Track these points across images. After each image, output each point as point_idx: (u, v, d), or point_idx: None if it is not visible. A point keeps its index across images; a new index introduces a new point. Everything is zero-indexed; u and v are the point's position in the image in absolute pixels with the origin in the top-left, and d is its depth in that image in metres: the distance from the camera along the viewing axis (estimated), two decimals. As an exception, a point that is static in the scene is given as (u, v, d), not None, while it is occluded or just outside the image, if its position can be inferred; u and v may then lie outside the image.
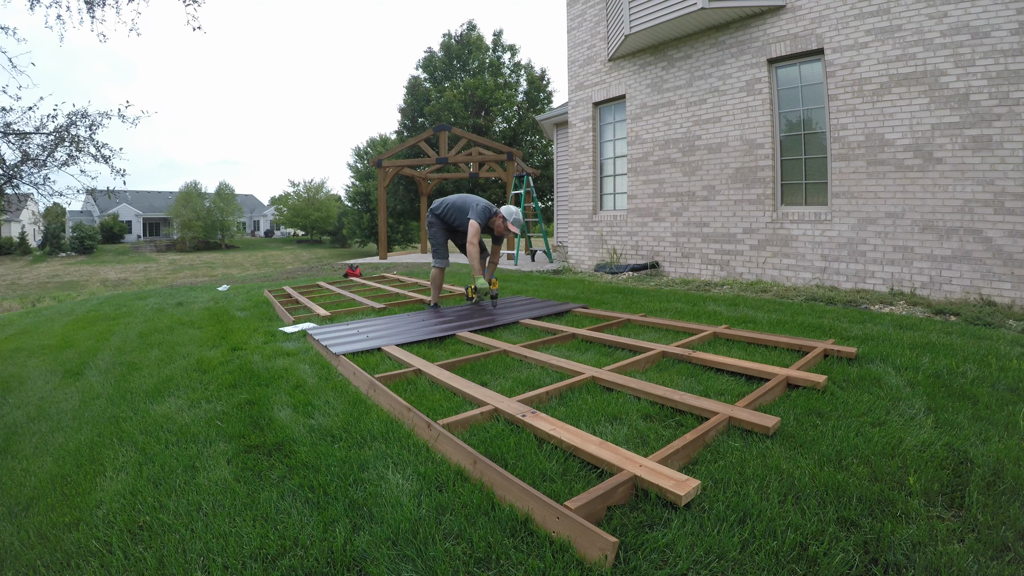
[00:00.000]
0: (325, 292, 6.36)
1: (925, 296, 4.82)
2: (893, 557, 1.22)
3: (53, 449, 2.08)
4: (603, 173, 8.53)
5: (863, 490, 1.47)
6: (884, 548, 1.25)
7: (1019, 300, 4.35)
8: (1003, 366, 2.54)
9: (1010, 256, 4.41)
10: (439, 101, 28.88)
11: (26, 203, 15.34)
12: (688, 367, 2.72)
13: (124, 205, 46.19)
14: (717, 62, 6.60)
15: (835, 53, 5.49)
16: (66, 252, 36.94)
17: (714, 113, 6.65)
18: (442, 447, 1.83)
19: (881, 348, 2.92)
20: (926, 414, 2.00)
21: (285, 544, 1.35)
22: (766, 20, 6.09)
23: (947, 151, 4.75)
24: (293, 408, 2.31)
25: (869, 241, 5.29)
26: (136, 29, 5.46)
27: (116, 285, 24.49)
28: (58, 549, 1.39)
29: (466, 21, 39.43)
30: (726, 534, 1.31)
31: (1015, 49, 4.36)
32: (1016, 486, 1.48)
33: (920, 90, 4.88)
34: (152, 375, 3.02)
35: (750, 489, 1.49)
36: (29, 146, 5.83)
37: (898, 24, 5.02)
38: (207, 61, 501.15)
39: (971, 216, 4.63)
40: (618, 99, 8.08)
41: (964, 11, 4.61)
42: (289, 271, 13.09)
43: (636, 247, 7.70)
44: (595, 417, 2.07)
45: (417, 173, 16.79)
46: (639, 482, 1.51)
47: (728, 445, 1.78)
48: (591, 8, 8.41)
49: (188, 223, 40.74)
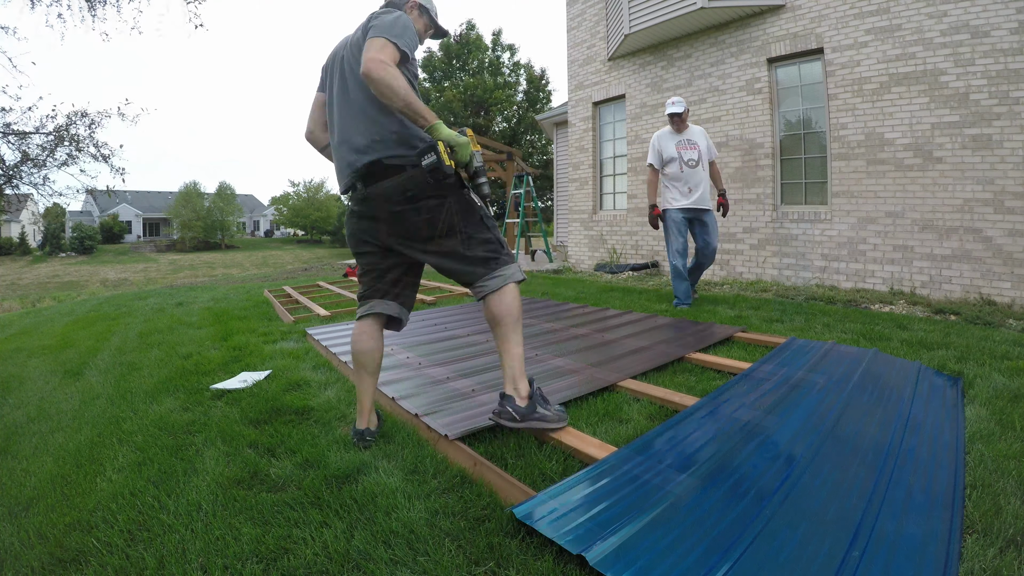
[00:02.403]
0: (325, 292, 6.36)
1: (925, 295, 4.82)
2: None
3: (53, 449, 2.08)
4: (603, 172, 8.53)
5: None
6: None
7: (1019, 299, 4.35)
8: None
9: (1010, 255, 4.41)
10: (439, 101, 28.87)
11: (26, 203, 15.37)
12: (688, 366, 2.72)
13: (124, 205, 46.20)
14: (717, 61, 6.60)
15: (835, 52, 5.48)
16: (66, 252, 36.94)
17: (714, 112, 6.65)
18: (443, 447, 1.83)
19: (886, 349, 2.92)
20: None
21: (285, 544, 1.35)
22: (766, 20, 6.09)
23: (947, 150, 4.74)
24: (293, 408, 2.31)
25: (869, 240, 5.29)
26: (138, 28, 5.47)
27: (116, 285, 24.49)
28: (58, 549, 1.39)
29: (465, 21, 39.45)
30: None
31: (1015, 48, 4.36)
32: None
33: (920, 89, 4.88)
34: (152, 375, 3.02)
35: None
36: (29, 146, 5.84)
37: (898, 23, 5.01)
38: (207, 61, 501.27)
39: (971, 215, 4.63)
40: (618, 99, 8.08)
41: (964, 10, 4.61)
42: (289, 271, 13.10)
43: (636, 247, 7.69)
44: (594, 417, 2.07)
45: (417, 173, 16.78)
46: (639, 482, 1.50)
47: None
48: (591, 8, 8.41)
49: (188, 223, 40.75)
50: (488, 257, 1.80)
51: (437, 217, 1.76)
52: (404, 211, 1.76)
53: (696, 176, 4.38)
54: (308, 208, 46.34)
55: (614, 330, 3.45)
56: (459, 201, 1.79)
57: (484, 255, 1.79)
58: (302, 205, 46.76)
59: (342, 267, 11.08)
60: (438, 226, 1.76)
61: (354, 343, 1.94)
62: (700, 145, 4.41)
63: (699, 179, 4.38)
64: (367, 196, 1.80)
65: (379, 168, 1.75)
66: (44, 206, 10.23)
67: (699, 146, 4.41)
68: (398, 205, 1.75)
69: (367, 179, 1.78)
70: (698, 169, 4.37)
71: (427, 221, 1.75)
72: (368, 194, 1.79)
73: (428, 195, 1.74)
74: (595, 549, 1.17)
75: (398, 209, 1.76)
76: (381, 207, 1.78)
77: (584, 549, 1.17)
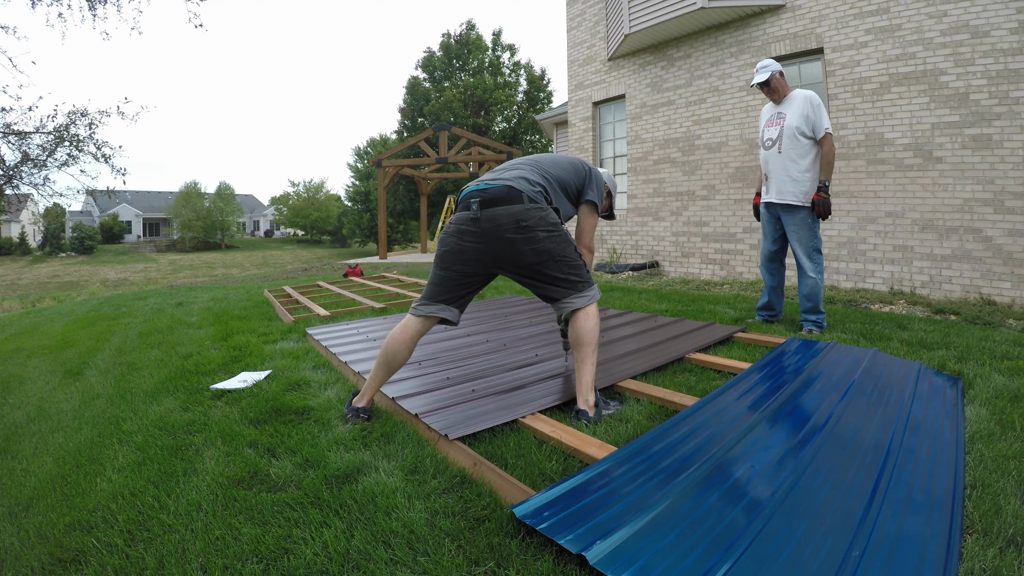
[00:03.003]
0: (325, 292, 6.36)
1: (925, 295, 4.82)
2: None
3: (53, 449, 2.08)
4: (603, 173, 8.53)
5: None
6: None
7: (1019, 299, 4.35)
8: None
9: (1010, 255, 4.41)
10: (439, 101, 28.88)
11: (26, 203, 15.34)
12: (688, 366, 2.72)
13: (124, 205, 46.22)
14: (717, 61, 6.60)
15: (835, 52, 5.49)
16: (66, 252, 36.95)
17: (714, 112, 6.65)
18: (443, 447, 1.83)
19: (886, 349, 2.92)
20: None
21: (285, 544, 1.35)
22: (766, 19, 6.09)
23: (947, 150, 4.75)
24: (293, 408, 2.31)
25: (869, 240, 5.29)
26: (138, 28, 5.46)
27: (116, 285, 24.49)
28: (58, 549, 1.39)
29: (465, 21, 39.43)
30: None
31: (1015, 48, 4.36)
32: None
33: (920, 89, 4.88)
34: (152, 375, 3.02)
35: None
36: (29, 146, 5.84)
37: (898, 23, 5.02)
38: (207, 60, 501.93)
39: (971, 215, 4.63)
40: (618, 98, 8.08)
41: (964, 10, 4.61)
42: (289, 271, 13.10)
43: (636, 246, 7.69)
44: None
45: (417, 173, 16.79)
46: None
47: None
48: (591, 8, 8.41)
49: (188, 223, 40.78)
50: (577, 280, 2.10)
51: (543, 247, 2.03)
52: (515, 239, 2.00)
53: (772, 160, 3.47)
54: (308, 208, 46.35)
55: (614, 330, 3.45)
56: (562, 234, 2.07)
57: (575, 279, 2.10)
58: (302, 205, 46.76)
59: (342, 267, 11.08)
60: (542, 254, 2.03)
61: (392, 342, 2.13)
62: (787, 118, 3.40)
63: (775, 164, 3.45)
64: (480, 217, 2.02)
65: (504, 194, 2.01)
66: (44, 206, 10.25)
67: (784, 120, 3.43)
68: (510, 233, 2.00)
69: (484, 204, 2.01)
70: (773, 151, 3.45)
71: (533, 250, 2.02)
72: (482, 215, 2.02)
73: (539, 228, 2.01)
74: (595, 549, 1.17)
75: (510, 236, 2.00)
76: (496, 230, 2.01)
77: (584, 549, 1.17)
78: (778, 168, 3.43)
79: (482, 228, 2.01)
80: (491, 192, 2.01)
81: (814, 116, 3.29)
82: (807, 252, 3.37)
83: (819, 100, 3.33)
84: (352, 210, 37.76)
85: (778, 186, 3.44)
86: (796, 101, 3.38)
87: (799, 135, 3.33)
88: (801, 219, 3.36)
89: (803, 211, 3.35)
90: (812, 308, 3.42)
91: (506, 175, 2.09)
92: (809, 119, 3.30)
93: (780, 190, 3.42)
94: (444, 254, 2.11)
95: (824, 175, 3.30)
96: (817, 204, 3.28)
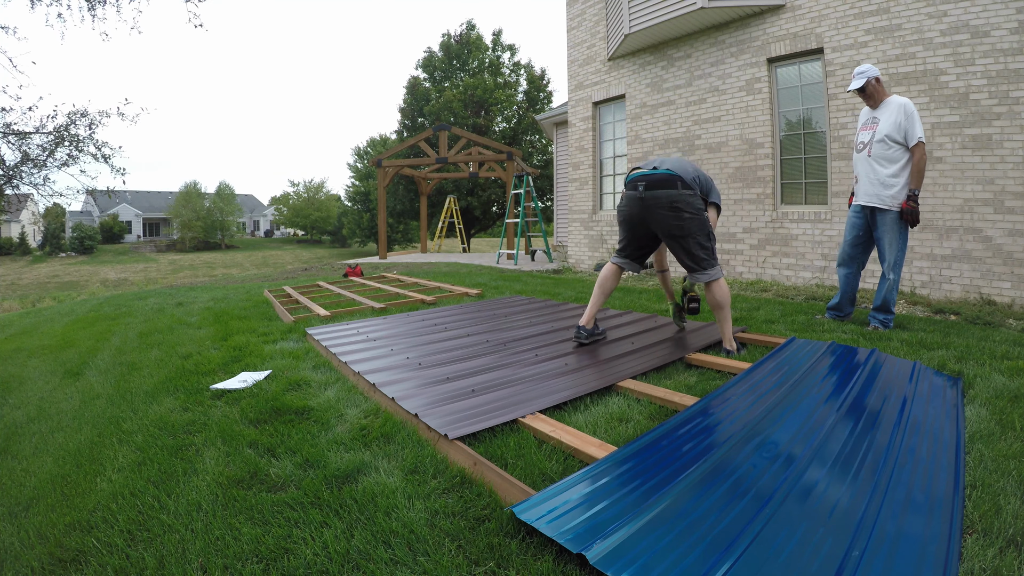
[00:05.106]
0: (325, 292, 6.36)
1: (925, 295, 4.82)
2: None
3: (53, 449, 2.08)
4: (603, 172, 8.53)
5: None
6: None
7: (1019, 299, 4.35)
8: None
9: (1010, 255, 4.41)
10: (439, 101, 28.88)
11: (26, 203, 15.33)
12: (688, 366, 2.72)
13: (124, 205, 46.22)
14: (717, 61, 6.60)
15: (835, 52, 5.49)
16: (66, 252, 36.95)
17: (714, 112, 6.65)
18: (443, 447, 1.83)
19: (886, 349, 2.92)
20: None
21: (285, 544, 1.35)
22: (766, 19, 6.09)
23: (947, 150, 4.74)
24: (293, 408, 2.31)
25: (869, 240, 5.28)
26: (137, 28, 5.46)
27: (116, 285, 24.49)
28: (58, 549, 1.39)
29: (465, 21, 39.45)
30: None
31: (1015, 48, 4.36)
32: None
33: (920, 89, 4.88)
34: (152, 375, 3.02)
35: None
36: (29, 146, 5.84)
37: (898, 23, 5.01)
38: (207, 60, 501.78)
39: (971, 215, 4.63)
40: (618, 98, 8.08)
41: (964, 10, 4.61)
42: (289, 271, 13.09)
43: (636, 247, 7.69)
44: (594, 417, 2.07)
45: (417, 173, 16.79)
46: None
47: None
48: (591, 8, 8.41)
49: (188, 223, 40.80)
50: (704, 259, 2.85)
51: (685, 224, 2.80)
52: (666, 215, 2.81)
53: (861, 164, 3.58)
54: (308, 208, 46.36)
55: (614, 330, 3.45)
56: (702, 219, 2.83)
57: (702, 256, 2.85)
58: (302, 205, 46.78)
59: (342, 267, 11.08)
60: (683, 229, 2.81)
61: (604, 279, 3.14)
62: (880, 124, 3.46)
63: (863, 168, 3.55)
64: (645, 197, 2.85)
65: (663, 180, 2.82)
66: (44, 206, 10.24)
67: (876, 125, 3.48)
68: (664, 210, 2.81)
69: (650, 186, 2.82)
70: (864, 154, 3.55)
71: (678, 225, 2.81)
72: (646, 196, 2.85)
73: (686, 209, 2.78)
74: (595, 548, 1.17)
75: (663, 212, 2.81)
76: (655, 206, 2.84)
77: (584, 548, 1.17)
78: (867, 171, 3.52)
79: (645, 204, 2.84)
80: (655, 177, 2.80)
81: (907, 124, 3.33)
82: (892, 255, 3.44)
83: (913, 108, 3.36)
84: (352, 210, 37.77)
85: (865, 189, 3.53)
86: (891, 107, 3.43)
87: (889, 141, 3.39)
88: (889, 222, 3.42)
89: (890, 214, 3.41)
90: (883, 307, 3.51)
91: (667, 164, 2.86)
92: (901, 126, 3.34)
93: (867, 193, 3.52)
94: (621, 221, 3.09)
95: (914, 184, 3.34)
96: (905, 212, 3.35)
